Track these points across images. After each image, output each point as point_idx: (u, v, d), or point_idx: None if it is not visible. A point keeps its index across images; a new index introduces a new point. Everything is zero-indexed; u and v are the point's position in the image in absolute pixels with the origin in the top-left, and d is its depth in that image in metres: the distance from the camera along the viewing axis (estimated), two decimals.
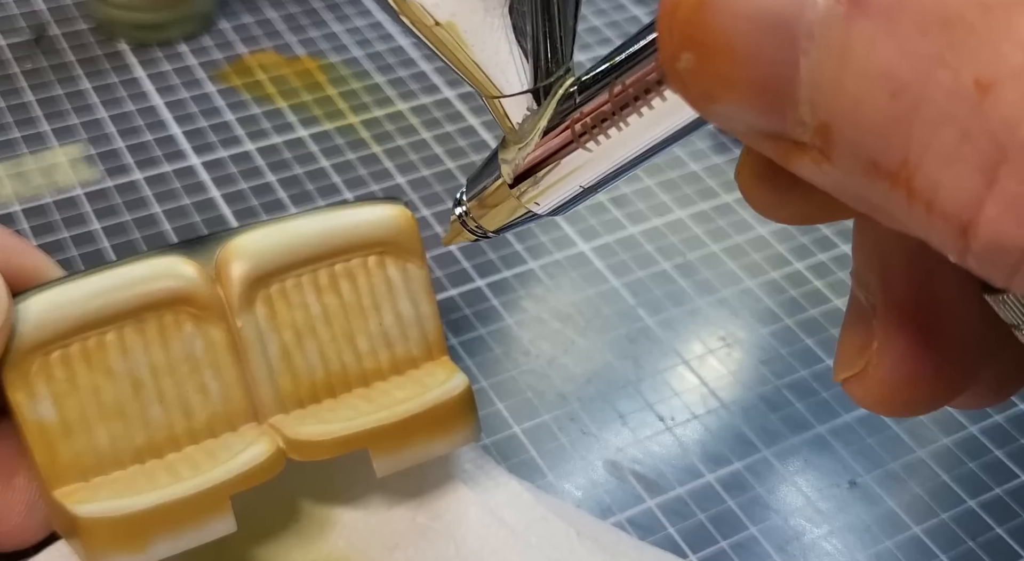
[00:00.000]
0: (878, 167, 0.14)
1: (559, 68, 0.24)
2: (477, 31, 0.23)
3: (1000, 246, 0.13)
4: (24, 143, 0.47)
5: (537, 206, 0.25)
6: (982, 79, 0.12)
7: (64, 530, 0.31)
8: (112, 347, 0.31)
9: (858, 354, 0.20)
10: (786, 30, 0.14)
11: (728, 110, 0.15)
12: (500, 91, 0.24)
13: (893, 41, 0.13)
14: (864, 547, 0.35)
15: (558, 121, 0.23)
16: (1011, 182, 0.12)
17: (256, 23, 0.55)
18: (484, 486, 0.34)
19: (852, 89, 0.13)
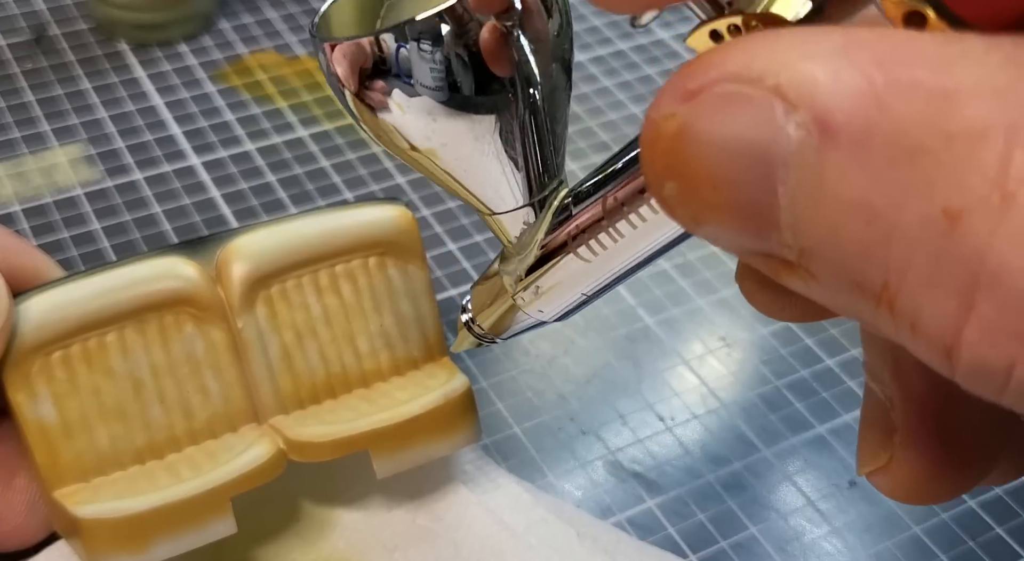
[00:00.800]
0: (861, 288, 0.14)
1: (552, 181, 0.24)
2: (468, 158, 0.23)
3: (983, 369, 0.13)
4: (24, 143, 0.47)
5: (541, 314, 0.26)
6: (949, 208, 0.13)
7: (65, 531, 0.31)
8: (113, 348, 0.31)
9: (880, 447, 0.21)
10: (762, 159, 0.14)
11: (715, 232, 0.15)
12: (494, 210, 0.24)
13: (864, 172, 0.13)
14: (864, 547, 0.35)
15: (555, 232, 0.23)
16: (986, 308, 0.13)
17: (256, 23, 0.55)
18: (484, 487, 0.34)
19: (828, 217, 0.14)
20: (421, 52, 0.21)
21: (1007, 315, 0.13)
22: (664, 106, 0.15)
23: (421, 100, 0.21)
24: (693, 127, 0.14)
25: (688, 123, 0.14)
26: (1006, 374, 0.13)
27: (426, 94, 0.21)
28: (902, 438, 0.20)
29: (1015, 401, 0.13)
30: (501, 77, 0.22)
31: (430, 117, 0.22)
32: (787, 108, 0.13)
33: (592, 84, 0.52)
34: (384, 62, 0.21)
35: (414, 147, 0.23)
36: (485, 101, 0.22)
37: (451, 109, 0.22)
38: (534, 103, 0.22)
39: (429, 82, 0.21)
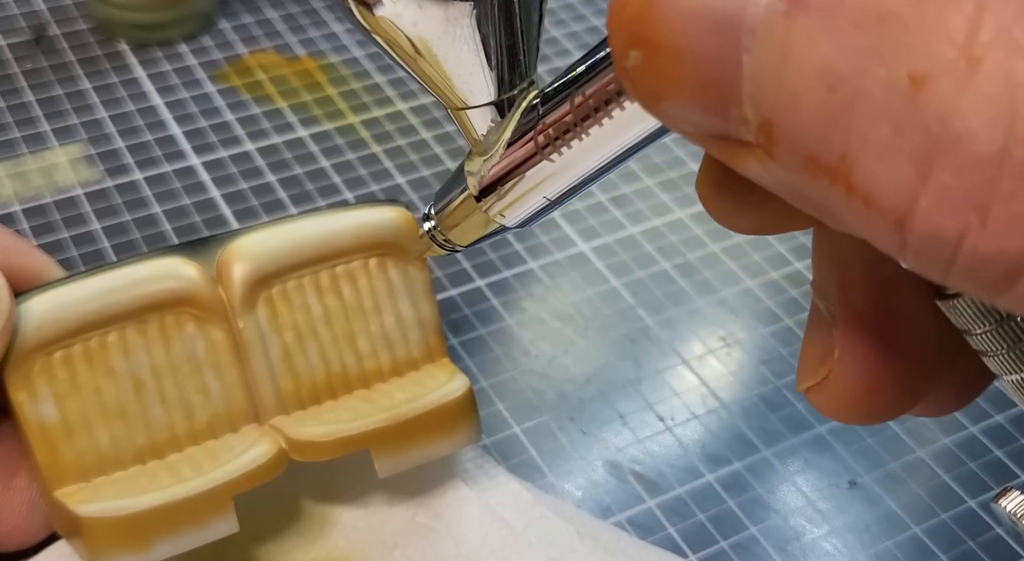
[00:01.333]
0: (818, 163, 0.14)
1: (523, 81, 0.24)
2: (441, 43, 0.23)
3: (934, 239, 0.13)
4: (24, 143, 0.47)
5: (503, 218, 0.25)
6: (915, 73, 0.13)
7: (65, 530, 0.31)
8: (114, 347, 0.31)
9: (820, 363, 0.21)
10: (729, 28, 0.14)
11: (675, 109, 0.15)
12: (464, 102, 0.24)
13: (831, 37, 0.13)
14: (864, 547, 0.35)
15: (522, 133, 0.23)
16: (944, 174, 0.13)
17: (256, 23, 0.55)
18: (484, 485, 0.34)
19: (791, 85, 0.14)
20: None
21: (964, 180, 0.13)
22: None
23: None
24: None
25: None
26: (956, 244, 0.13)
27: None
28: (840, 354, 0.20)
29: (961, 277, 0.13)
30: None
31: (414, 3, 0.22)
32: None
33: None
34: None
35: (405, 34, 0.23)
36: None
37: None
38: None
39: None
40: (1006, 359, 0.18)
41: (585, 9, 0.57)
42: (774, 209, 0.18)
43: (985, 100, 0.12)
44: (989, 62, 0.12)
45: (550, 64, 0.53)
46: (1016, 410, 0.39)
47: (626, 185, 0.47)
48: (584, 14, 0.57)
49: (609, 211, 0.46)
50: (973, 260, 0.13)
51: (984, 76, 0.12)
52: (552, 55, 0.54)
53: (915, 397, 0.20)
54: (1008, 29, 0.12)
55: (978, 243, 0.13)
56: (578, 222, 0.46)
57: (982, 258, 0.13)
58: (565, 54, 0.54)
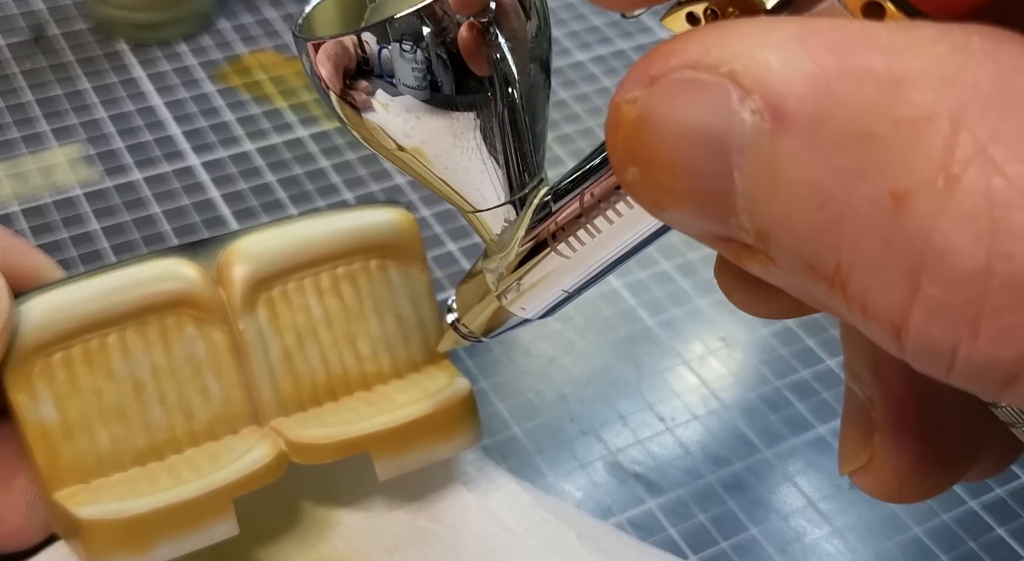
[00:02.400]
0: (815, 271, 0.14)
1: (532, 179, 0.24)
2: (449, 155, 0.23)
3: (930, 349, 0.13)
4: (23, 143, 0.47)
5: (524, 311, 0.26)
6: (896, 191, 0.13)
7: (65, 532, 0.31)
8: (114, 349, 0.31)
9: (862, 447, 0.21)
10: (718, 145, 0.14)
11: (677, 216, 0.15)
12: (476, 207, 0.25)
13: (815, 156, 0.13)
14: (865, 548, 0.35)
15: (535, 229, 0.24)
16: (932, 289, 0.13)
17: (256, 23, 0.55)
18: (484, 488, 0.34)
19: (782, 200, 0.14)
20: (403, 52, 0.21)
21: (951, 296, 0.13)
22: (627, 90, 0.15)
23: (403, 99, 0.22)
24: (653, 112, 0.15)
25: (648, 108, 0.15)
26: (951, 354, 0.13)
27: (408, 93, 0.22)
28: (882, 437, 0.21)
29: (962, 381, 0.14)
30: (480, 76, 0.22)
31: (412, 115, 0.22)
32: (742, 94, 0.14)
33: (592, 84, 0.52)
34: (367, 62, 0.22)
35: (400, 146, 0.23)
36: (465, 99, 0.22)
37: (433, 107, 0.22)
38: (513, 101, 0.23)
39: (411, 81, 0.22)
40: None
41: (585, 8, 0.57)
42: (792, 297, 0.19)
43: (965, 218, 0.13)
44: (967, 180, 0.12)
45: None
46: None
47: None
48: (584, 13, 0.57)
49: None
50: (969, 368, 0.13)
51: (963, 194, 0.13)
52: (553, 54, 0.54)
53: (962, 470, 0.21)
54: (984, 147, 0.12)
55: (972, 353, 0.13)
56: None
57: (978, 366, 0.13)
58: (566, 54, 0.54)
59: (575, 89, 0.52)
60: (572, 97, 0.52)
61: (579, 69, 0.53)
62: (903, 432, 0.20)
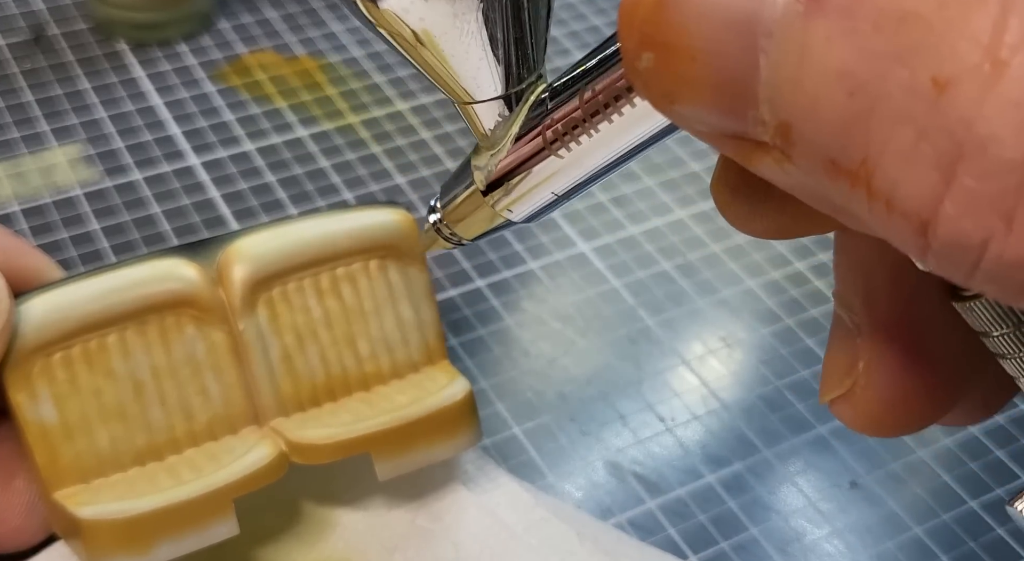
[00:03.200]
0: (838, 166, 0.13)
1: (531, 74, 0.24)
2: (448, 36, 0.23)
3: (959, 244, 0.13)
4: (23, 143, 0.47)
5: (510, 213, 0.25)
6: (939, 77, 0.12)
7: (64, 532, 0.31)
8: (114, 349, 0.31)
9: (844, 375, 0.20)
10: (745, 29, 0.14)
11: (689, 110, 0.15)
12: (471, 97, 0.24)
13: (850, 39, 0.13)
14: (865, 548, 0.35)
15: (530, 127, 0.23)
16: (968, 179, 0.12)
17: (255, 23, 0.55)
18: (484, 487, 0.34)
19: (810, 88, 0.13)
20: None
21: (989, 186, 0.12)
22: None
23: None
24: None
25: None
26: (980, 249, 0.13)
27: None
28: (866, 365, 0.20)
29: (985, 281, 0.13)
30: None
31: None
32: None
33: None
34: None
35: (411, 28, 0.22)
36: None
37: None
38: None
39: None
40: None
41: (586, 8, 0.57)
42: (792, 212, 0.18)
43: (1011, 106, 0.12)
44: (1015, 66, 0.12)
45: (550, 64, 0.53)
46: (1017, 411, 0.39)
47: (627, 185, 0.47)
48: (584, 13, 0.57)
49: (610, 211, 0.46)
50: (998, 265, 0.13)
51: (1010, 80, 0.12)
52: (552, 55, 0.54)
53: (945, 407, 0.20)
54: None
55: (1004, 248, 0.13)
56: (578, 222, 0.46)
57: (1007, 263, 0.13)
58: (566, 54, 0.54)
59: None
60: None
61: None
62: (888, 361, 0.20)
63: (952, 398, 0.20)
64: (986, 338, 0.18)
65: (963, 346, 0.19)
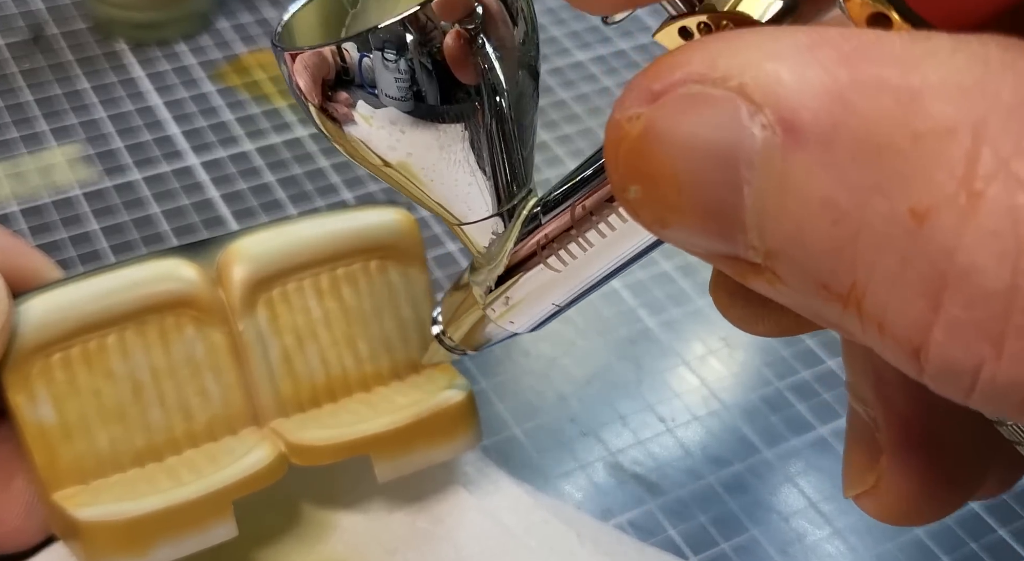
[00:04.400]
0: (828, 289, 0.14)
1: (521, 190, 0.24)
2: (436, 168, 0.22)
3: (951, 369, 0.13)
4: (22, 143, 0.47)
5: (512, 325, 0.25)
6: (917, 208, 0.12)
7: (63, 533, 0.31)
8: (113, 349, 0.31)
9: (867, 470, 0.21)
10: (727, 161, 0.14)
11: (680, 235, 0.15)
12: (462, 220, 0.24)
13: (830, 171, 0.13)
14: (866, 549, 0.35)
15: (524, 242, 0.23)
16: (954, 308, 0.13)
17: (255, 22, 0.55)
18: (484, 489, 0.34)
19: (794, 217, 0.13)
20: (385, 61, 0.20)
21: (975, 315, 0.12)
22: (629, 106, 0.14)
23: (386, 111, 0.21)
24: (657, 128, 0.14)
25: (652, 124, 0.14)
26: (973, 375, 0.13)
27: (391, 104, 0.21)
28: (889, 460, 0.20)
29: (982, 403, 0.13)
30: (467, 85, 0.21)
31: (396, 128, 0.21)
32: (752, 108, 0.13)
33: (592, 84, 0.52)
34: (347, 72, 0.21)
35: (385, 162, 0.22)
36: (451, 110, 0.21)
37: (417, 119, 0.21)
38: (500, 111, 0.22)
39: (394, 92, 0.21)
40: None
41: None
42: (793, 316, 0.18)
43: (989, 235, 0.12)
44: (990, 196, 0.12)
45: (549, 64, 0.53)
46: None
47: None
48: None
49: None
50: (991, 388, 0.13)
51: (986, 211, 0.12)
52: (552, 55, 0.54)
53: (969, 492, 0.20)
54: (1007, 161, 0.12)
55: (996, 373, 0.13)
56: None
57: (1002, 386, 0.13)
58: (566, 53, 0.54)
59: (575, 89, 0.52)
60: (572, 97, 0.52)
61: (579, 69, 0.53)
62: (909, 454, 0.20)
63: (976, 482, 0.20)
64: (1001, 426, 0.18)
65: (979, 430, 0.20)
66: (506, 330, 0.26)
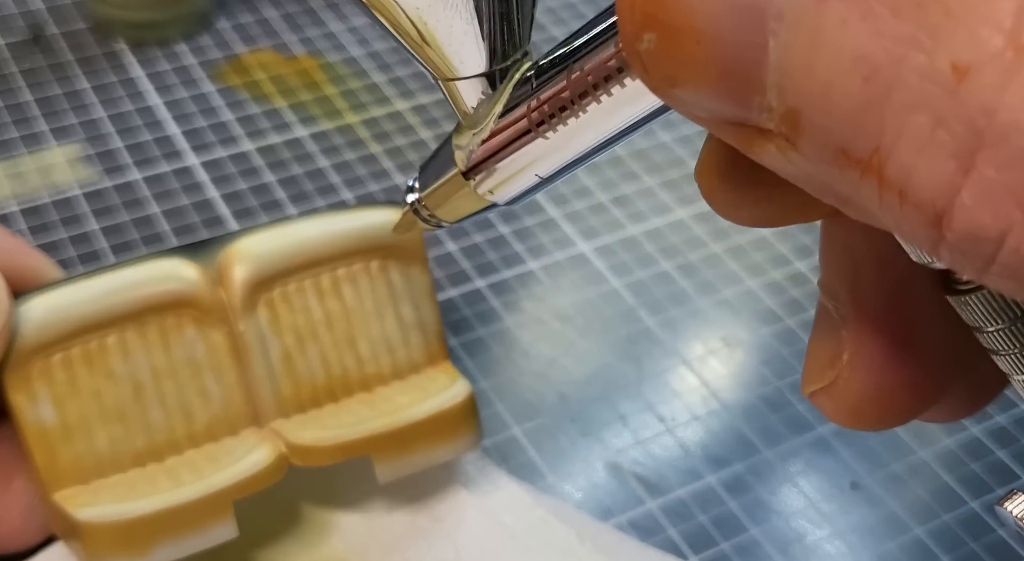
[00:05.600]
0: (848, 155, 0.13)
1: (516, 51, 0.23)
2: (433, 9, 0.22)
3: (975, 236, 0.12)
4: (22, 143, 0.47)
5: (493, 195, 0.24)
6: (959, 63, 0.12)
7: (63, 533, 0.31)
8: (113, 350, 0.31)
9: (828, 366, 0.20)
10: (755, 10, 0.13)
11: (690, 95, 0.14)
12: (454, 73, 0.23)
13: (866, 23, 0.12)
14: (866, 548, 0.35)
15: (514, 107, 0.22)
16: (989, 169, 0.12)
17: (255, 22, 0.55)
18: (484, 488, 0.34)
19: (823, 73, 0.13)
20: None
21: (1010, 176, 0.12)
22: None
23: None
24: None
25: None
26: (998, 241, 0.12)
27: None
28: (851, 357, 0.19)
29: (1000, 275, 0.13)
30: None
31: None
32: None
33: None
34: None
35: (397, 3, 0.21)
36: None
37: None
38: None
39: None
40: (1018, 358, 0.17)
41: (586, 8, 0.57)
42: (780, 200, 0.17)
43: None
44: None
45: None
46: (1018, 411, 0.39)
47: (627, 185, 0.47)
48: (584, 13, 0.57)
49: (610, 211, 0.46)
50: (1015, 258, 0.12)
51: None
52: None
53: (927, 402, 0.20)
54: None
55: (1022, 241, 0.12)
56: (579, 222, 0.45)
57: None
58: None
59: None
60: None
61: None
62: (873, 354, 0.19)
63: (936, 393, 0.20)
64: (980, 333, 0.17)
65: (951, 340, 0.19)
66: (485, 200, 0.24)
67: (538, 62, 0.22)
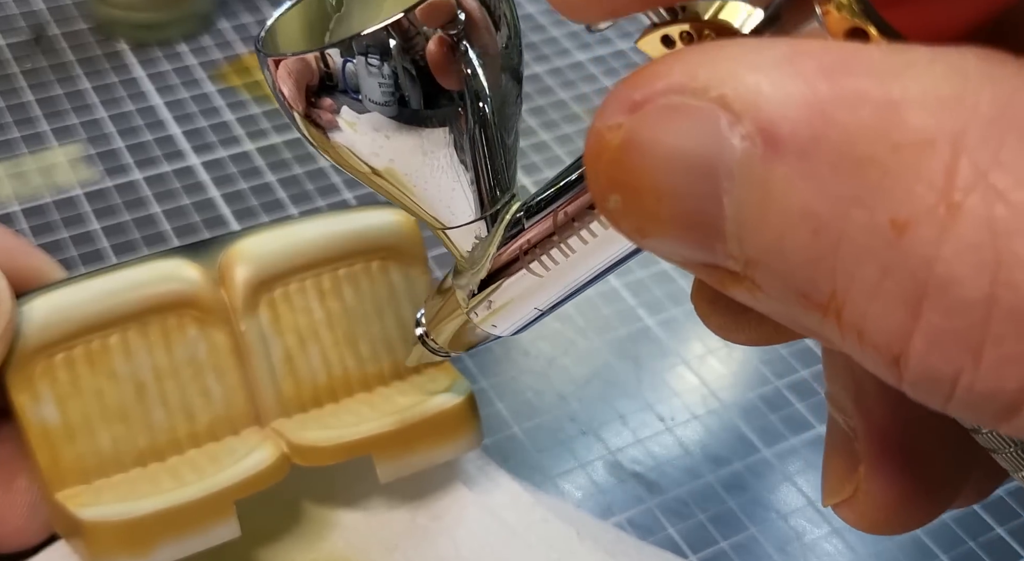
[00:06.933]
0: (808, 299, 0.14)
1: (504, 194, 0.24)
2: (419, 173, 0.22)
3: (931, 377, 0.13)
4: (23, 143, 0.47)
5: (495, 328, 0.25)
6: (896, 218, 0.13)
7: (66, 532, 0.31)
8: (115, 350, 0.31)
9: (846, 479, 0.21)
10: (707, 171, 0.14)
11: (662, 244, 0.15)
12: (446, 224, 0.24)
13: (810, 182, 0.13)
14: (865, 547, 0.35)
15: (507, 246, 0.23)
16: (935, 316, 0.13)
17: (256, 23, 0.55)
18: (484, 487, 0.34)
19: (775, 227, 0.13)
20: (369, 67, 0.20)
21: (954, 324, 0.13)
22: (609, 116, 0.14)
23: (370, 116, 0.21)
24: (638, 138, 0.14)
25: (633, 134, 0.14)
26: (952, 383, 0.13)
27: (375, 110, 0.21)
28: (867, 470, 0.20)
29: (960, 410, 0.13)
30: (450, 90, 0.21)
31: (380, 133, 0.21)
32: (732, 119, 0.13)
33: (592, 84, 0.52)
34: (331, 78, 0.21)
35: (371, 168, 0.22)
36: (435, 115, 0.21)
37: (401, 124, 0.21)
38: (484, 116, 0.22)
39: (378, 97, 0.21)
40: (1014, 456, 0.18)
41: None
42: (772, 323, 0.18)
43: (968, 247, 0.12)
44: (968, 207, 0.12)
45: (549, 64, 0.53)
46: None
47: None
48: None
49: None
50: (970, 396, 0.13)
51: (965, 222, 0.12)
52: (552, 55, 0.54)
53: (947, 501, 0.20)
54: (985, 174, 0.12)
55: (974, 381, 0.13)
56: None
57: (979, 395, 0.13)
58: (566, 53, 0.54)
59: (575, 89, 0.52)
60: (571, 97, 0.52)
61: (579, 69, 0.53)
62: (887, 464, 0.20)
63: (954, 491, 0.21)
64: (976, 434, 0.18)
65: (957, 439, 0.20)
66: (489, 333, 0.26)
67: (527, 203, 0.22)
